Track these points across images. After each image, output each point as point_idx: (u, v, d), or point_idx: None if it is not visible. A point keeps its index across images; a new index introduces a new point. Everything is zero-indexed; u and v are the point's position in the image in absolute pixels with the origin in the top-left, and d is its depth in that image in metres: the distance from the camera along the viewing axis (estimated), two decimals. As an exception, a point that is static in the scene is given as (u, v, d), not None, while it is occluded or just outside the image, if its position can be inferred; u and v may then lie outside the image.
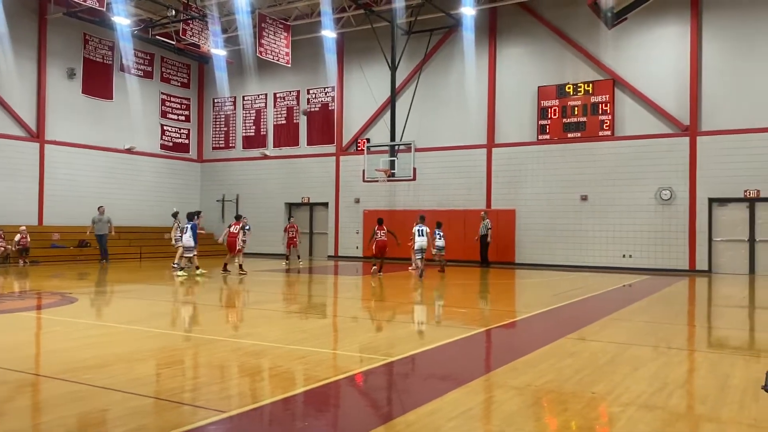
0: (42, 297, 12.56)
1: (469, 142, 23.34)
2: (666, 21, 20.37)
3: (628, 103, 20.86)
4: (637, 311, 10.85)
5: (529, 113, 22.37)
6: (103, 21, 23.33)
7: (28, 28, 22.92)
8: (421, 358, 6.75)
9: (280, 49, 22.38)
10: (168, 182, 27.86)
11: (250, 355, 6.82)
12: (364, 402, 5.27)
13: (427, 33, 23.67)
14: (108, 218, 21.65)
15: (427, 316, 10.64)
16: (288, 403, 5.02)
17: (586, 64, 21.48)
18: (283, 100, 27.57)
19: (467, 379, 5.76)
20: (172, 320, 10.15)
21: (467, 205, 23.11)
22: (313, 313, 10.98)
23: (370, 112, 25.29)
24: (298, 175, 26.99)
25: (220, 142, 29.30)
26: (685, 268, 19.64)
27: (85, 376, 5.59)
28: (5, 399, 5.11)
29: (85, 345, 7.29)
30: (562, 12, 21.89)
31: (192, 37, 23.02)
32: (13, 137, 22.37)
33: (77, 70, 24.35)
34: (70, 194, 23.49)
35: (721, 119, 19.48)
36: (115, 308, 11.50)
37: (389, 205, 24.70)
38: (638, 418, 4.55)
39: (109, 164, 25.28)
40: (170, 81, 28.18)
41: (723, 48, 19.66)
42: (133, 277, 17.30)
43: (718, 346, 8.07)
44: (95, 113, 24.99)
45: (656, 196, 20.07)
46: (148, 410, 4.77)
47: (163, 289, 14.57)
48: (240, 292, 14.08)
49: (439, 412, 4.67)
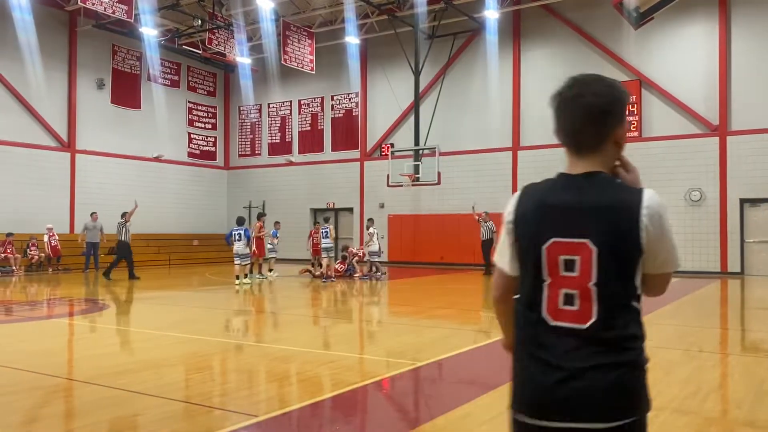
0: (74, 304, 12.79)
1: (493, 145, 23.23)
2: (693, 19, 20.07)
3: (655, 104, 20.58)
4: (667, 314, 10.68)
5: (555, 115, 22.15)
6: (131, 32, 23.75)
7: (58, 41, 23.44)
8: (450, 362, 6.73)
9: (304, 56, 22.54)
10: (195, 189, 28.21)
11: (278, 360, 6.86)
12: (393, 406, 5.27)
13: (451, 37, 23.65)
14: (100, 225, 20.45)
15: (456, 321, 10.60)
16: (317, 407, 5.04)
17: (611, 64, 21.24)
18: (308, 107, 27.75)
19: (498, 383, 5.72)
20: (202, 326, 10.26)
21: (493, 209, 22.94)
22: (340, 318, 11.01)
23: (394, 117, 25.32)
24: (323, 181, 27.12)
25: (246, 149, 29.59)
26: (717, 270, 19.27)
27: (119, 382, 5.67)
28: (40, 404, 5.21)
29: (117, 351, 7.41)
30: (585, 13, 21.70)
31: (218, 46, 23.31)
32: (45, 147, 22.86)
33: (106, 81, 24.81)
34: (100, 203, 23.85)
35: (752, 118, 19.10)
36: (145, 314, 11.66)
37: (414, 209, 24.68)
38: (672, 423, 4.48)
39: (137, 172, 25.68)
40: (197, 90, 28.56)
41: (752, 46, 19.30)
42: (162, 283, 17.51)
43: (753, 350, 7.91)
44: (124, 123, 25.43)
45: (686, 198, 19.74)
46: (180, 415, 4.83)
47: (192, 296, 14.74)
48: (268, 298, 14.17)
49: (470, 416, 4.65)
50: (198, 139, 28.70)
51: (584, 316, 1.73)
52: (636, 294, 1.79)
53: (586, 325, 1.73)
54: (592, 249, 1.73)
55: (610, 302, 1.73)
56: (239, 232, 16.22)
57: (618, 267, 1.74)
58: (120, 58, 25.31)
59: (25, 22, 21.27)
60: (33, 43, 21.80)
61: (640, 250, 1.74)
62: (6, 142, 21.63)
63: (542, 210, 1.83)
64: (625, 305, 1.76)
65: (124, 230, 17.72)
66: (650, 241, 1.74)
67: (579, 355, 1.72)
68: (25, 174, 22.09)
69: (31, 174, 22.23)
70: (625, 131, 1.86)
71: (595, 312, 1.73)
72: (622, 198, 1.76)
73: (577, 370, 1.70)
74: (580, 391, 1.69)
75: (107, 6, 18.32)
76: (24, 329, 9.36)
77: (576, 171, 1.84)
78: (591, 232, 1.74)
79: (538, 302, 1.79)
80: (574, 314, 1.75)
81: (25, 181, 22.06)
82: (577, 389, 1.70)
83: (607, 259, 1.73)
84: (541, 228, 1.81)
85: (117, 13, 18.78)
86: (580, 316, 1.74)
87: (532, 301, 1.81)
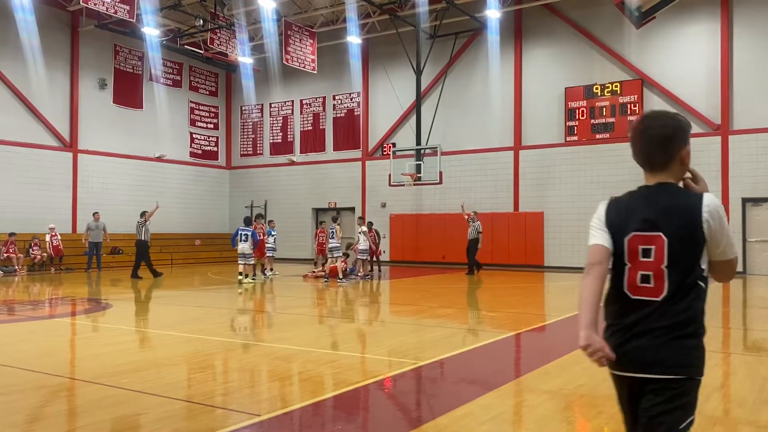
0: (76, 303, 12.81)
1: (495, 144, 23.22)
2: (695, 18, 20.05)
3: (657, 103, 20.55)
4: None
5: (557, 115, 22.18)
6: (133, 32, 23.77)
7: (61, 41, 23.48)
8: (452, 361, 6.73)
9: (305, 56, 22.54)
10: (197, 189, 28.24)
11: (280, 360, 6.87)
12: (396, 406, 5.28)
13: (452, 36, 23.65)
14: (103, 225, 20.59)
15: (457, 320, 10.60)
16: (319, 407, 5.04)
17: (613, 64, 21.24)
18: (309, 107, 27.77)
19: (499, 383, 5.73)
20: (204, 326, 10.27)
21: (495, 208, 22.99)
22: (342, 318, 11.02)
23: (396, 117, 25.33)
24: (325, 181, 27.14)
25: (248, 149, 29.62)
26: (719, 270, 19.21)
27: (121, 381, 5.69)
28: (43, 403, 5.22)
29: (119, 350, 7.42)
30: (587, 12, 21.69)
31: (219, 45, 23.33)
32: (47, 147, 22.89)
33: (108, 81, 24.85)
34: (103, 202, 23.88)
35: (754, 118, 19.08)
36: (148, 314, 11.68)
37: (416, 209, 24.68)
38: (674, 422, 4.47)
39: (139, 172, 25.71)
40: (198, 90, 28.58)
41: (754, 45, 19.27)
42: (164, 283, 17.51)
43: (755, 349, 7.90)
44: (126, 122, 25.46)
45: (688, 197, 19.70)
46: (182, 414, 4.84)
47: (194, 295, 14.76)
48: (270, 297, 14.19)
49: (471, 415, 4.66)
50: (200, 139, 28.72)
51: (658, 292, 2.26)
52: (701, 275, 2.28)
53: (659, 298, 2.26)
54: (664, 239, 2.26)
55: (678, 281, 2.25)
56: (246, 232, 16.20)
57: (684, 253, 2.25)
58: (122, 58, 25.33)
59: (28, 23, 21.31)
60: (35, 44, 21.84)
61: (704, 239, 2.25)
62: (8, 142, 21.67)
63: (626, 211, 2.38)
64: (690, 284, 2.26)
65: (144, 230, 17.84)
66: (711, 233, 2.25)
67: (652, 321, 2.25)
68: (28, 174, 22.14)
69: (33, 174, 22.27)
70: (688, 151, 2.37)
71: (666, 288, 2.25)
72: (687, 201, 2.30)
73: (650, 334, 2.24)
74: (651, 350, 2.24)
75: (109, 6, 18.33)
76: (26, 329, 9.38)
77: (650, 183, 2.39)
78: (663, 226, 2.27)
79: (621, 282, 2.35)
80: (649, 290, 2.28)
81: (27, 181, 22.10)
82: (649, 348, 2.24)
83: (675, 247, 2.25)
84: (624, 225, 2.35)
85: (119, 13, 18.80)
86: (654, 292, 2.27)
87: (616, 281, 2.37)
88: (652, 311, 2.25)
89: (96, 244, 20.56)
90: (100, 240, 20.64)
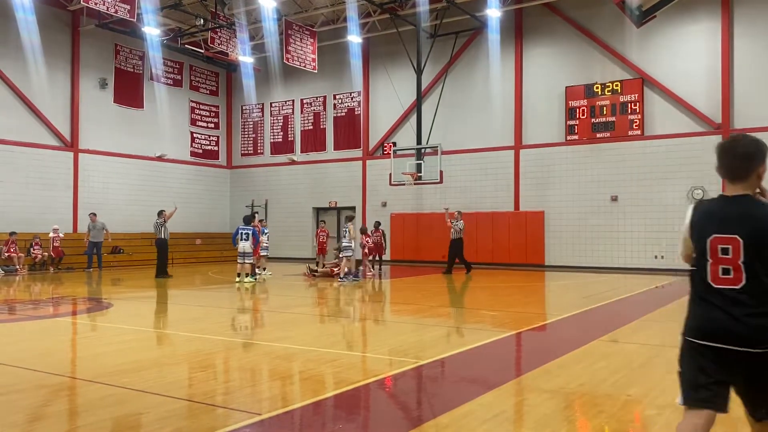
0: (77, 302, 12.82)
1: (496, 143, 23.22)
2: (696, 17, 20.04)
3: (657, 102, 20.55)
4: (671, 313, 10.66)
5: (557, 114, 22.17)
6: (134, 31, 23.77)
7: (61, 41, 23.47)
8: (453, 361, 6.73)
9: (306, 56, 22.53)
10: (198, 189, 28.23)
11: (281, 359, 6.87)
12: (396, 405, 5.28)
13: (453, 36, 23.64)
14: (102, 225, 20.79)
15: (458, 320, 10.60)
16: (319, 406, 5.04)
17: (613, 63, 21.23)
18: (310, 106, 27.76)
19: (500, 382, 5.73)
20: (204, 325, 10.27)
21: (495, 207, 22.99)
22: (342, 317, 11.02)
23: (396, 116, 25.32)
24: (325, 180, 27.14)
25: (249, 148, 29.62)
26: (720, 269, 19.20)
27: (122, 380, 5.69)
28: (44, 402, 5.23)
29: (120, 349, 7.42)
30: (588, 11, 21.68)
31: (220, 45, 23.32)
32: (48, 147, 22.90)
33: (109, 80, 24.84)
34: (104, 202, 23.90)
35: (755, 117, 19.05)
36: (149, 313, 11.68)
37: (416, 208, 24.68)
38: (676, 420, 4.44)
39: (140, 172, 25.71)
40: (199, 89, 28.58)
41: (755, 44, 19.26)
42: (165, 282, 17.51)
43: None
44: (127, 122, 25.46)
45: (688, 196, 19.70)
46: (183, 413, 4.84)
47: (194, 294, 14.76)
48: (270, 296, 14.19)
49: (472, 414, 4.66)
50: (200, 139, 28.72)
51: (737, 281, 2.78)
52: None
53: (739, 286, 2.78)
54: (740, 241, 2.78)
55: (753, 273, 2.76)
56: (247, 231, 16.19)
57: (757, 252, 2.75)
58: (123, 58, 25.33)
59: (28, 22, 21.31)
60: (36, 43, 21.84)
61: None
62: (9, 142, 21.67)
63: (708, 216, 2.91)
64: (763, 276, 2.75)
65: (162, 229, 18.03)
66: None
67: (733, 304, 2.77)
68: (29, 173, 22.14)
69: (34, 173, 22.28)
70: (765, 168, 2.89)
71: (744, 278, 2.77)
72: (760, 210, 2.81)
73: (733, 314, 2.76)
74: (734, 326, 2.75)
75: (110, 5, 18.33)
76: (27, 328, 9.39)
77: (730, 193, 2.89)
78: (739, 230, 2.79)
79: (704, 273, 2.87)
80: (729, 280, 2.80)
81: (28, 180, 22.11)
82: (732, 325, 2.76)
83: (749, 247, 2.76)
84: (706, 228, 2.89)
85: (120, 12, 18.81)
86: (734, 281, 2.79)
87: (701, 273, 2.88)
88: (733, 297, 2.77)
89: (96, 244, 20.69)
90: (101, 240, 20.78)
